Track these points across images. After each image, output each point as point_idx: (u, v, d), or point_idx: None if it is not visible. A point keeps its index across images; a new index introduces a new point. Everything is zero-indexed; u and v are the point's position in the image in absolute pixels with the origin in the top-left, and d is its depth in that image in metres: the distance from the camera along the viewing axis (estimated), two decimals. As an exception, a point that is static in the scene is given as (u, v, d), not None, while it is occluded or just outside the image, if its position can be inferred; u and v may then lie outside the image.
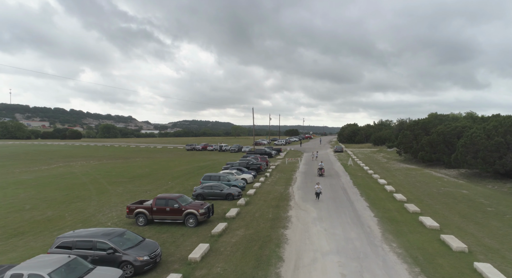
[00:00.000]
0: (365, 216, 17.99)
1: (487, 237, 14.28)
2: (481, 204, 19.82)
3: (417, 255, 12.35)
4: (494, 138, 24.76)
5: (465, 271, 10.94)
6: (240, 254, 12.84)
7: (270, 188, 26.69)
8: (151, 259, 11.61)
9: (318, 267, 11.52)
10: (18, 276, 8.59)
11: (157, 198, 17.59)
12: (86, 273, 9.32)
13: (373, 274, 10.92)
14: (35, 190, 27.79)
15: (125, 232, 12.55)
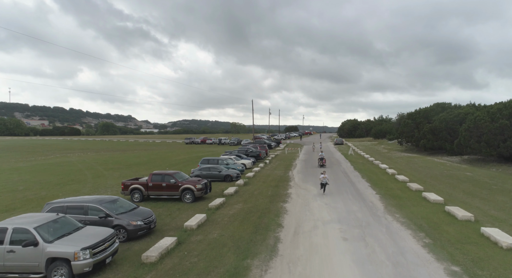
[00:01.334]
0: (367, 193, 17.51)
1: (493, 210, 13.80)
2: (486, 183, 19.34)
3: (422, 223, 11.87)
4: (498, 121, 24.28)
5: (472, 235, 10.46)
6: (238, 223, 12.36)
7: (270, 172, 26.21)
8: (145, 224, 11.13)
9: (318, 233, 11.04)
10: (2, 230, 8.11)
11: (153, 174, 17.10)
12: (75, 230, 8.83)
13: (376, 238, 10.44)
14: (30, 175, 27.29)
15: (118, 199, 12.06)
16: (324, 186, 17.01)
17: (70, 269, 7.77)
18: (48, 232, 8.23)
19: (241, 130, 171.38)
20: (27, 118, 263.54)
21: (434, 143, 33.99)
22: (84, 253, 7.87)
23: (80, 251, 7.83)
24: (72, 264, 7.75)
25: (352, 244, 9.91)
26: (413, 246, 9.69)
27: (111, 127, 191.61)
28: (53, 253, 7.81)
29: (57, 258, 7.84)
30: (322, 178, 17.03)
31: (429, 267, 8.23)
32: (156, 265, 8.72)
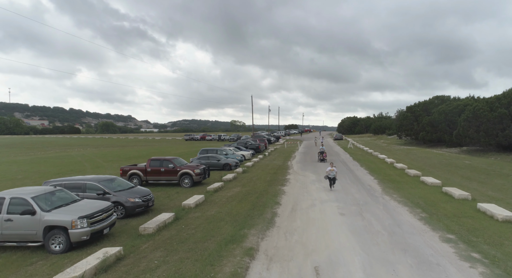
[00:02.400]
0: (366, 179, 17.53)
1: (490, 191, 13.85)
2: (484, 169, 19.37)
3: (419, 202, 11.91)
4: (497, 110, 24.31)
5: (469, 210, 10.50)
6: (236, 202, 12.39)
7: (269, 162, 26.24)
8: (142, 201, 11.18)
9: (316, 210, 11.08)
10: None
11: (151, 159, 17.15)
12: (73, 202, 8.87)
13: (373, 213, 10.48)
14: (28, 166, 27.35)
15: (116, 178, 12.12)
16: (332, 181, 14.17)
17: (68, 237, 7.81)
18: (45, 202, 8.27)
19: (241, 128, 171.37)
20: (27, 118, 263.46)
21: (433, 135, 34.02)
22: (81, 222, 7.91)
23: (78, 219, 7.87)
24: (70, 232, 7.79)
25: (349, 218, 9.95)
26: (409, 219, 9.73)
27: (111, 127, 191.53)
28: (51, 221, 7.85)
29: (54, 227, 7.88)
30: (329, 171, 14.08)
31: (424, 235, 8.26)
32: (153, 236, 8.76)
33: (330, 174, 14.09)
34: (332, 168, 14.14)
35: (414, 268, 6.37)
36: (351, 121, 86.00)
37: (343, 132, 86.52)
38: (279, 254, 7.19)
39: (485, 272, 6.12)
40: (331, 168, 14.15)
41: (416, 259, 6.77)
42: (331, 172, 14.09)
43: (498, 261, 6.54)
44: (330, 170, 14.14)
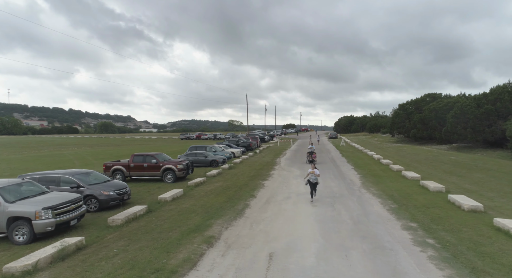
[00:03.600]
0: (349, 174, 17.60)
1: (467, 184, 13.92)
2: (467, 164, 19.46)
3: (394, 194, 11.98)
4: (484, 106, 24.38)
5: (439, 201, 10.57)
6: (213, 196, 12.46)
7: (258, 159, 26.31)
8: (117, 195, 11.23)
9: (290, 202, 11.15)
10: (-35, 190, 8.19)
11: (135, 155, 17.21)
12: (40, 194, 8.93)
13: (345, 205, 10.55)
14: (18, 164, 27.40)
15: (92, 172, 12.18)
16: (313, 188, 11.13)
17: (32, 228, 7.85)
18: (10, 193, 8.31)
19: (239, 128, 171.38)
20: (26, 118, 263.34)
21: (424, 132, 34.10)
22: (45, 213, 7.96)
23: (42, 210, 7.92)
24: (33, 223, 7.83)
25: (320, 209, 10.03)
26: (378, 210, 9.80)
27: (110, 127, 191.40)
28: (14, 212, 7.90)
29: (18, 218, 7.93)
30: (310, 174, 11.09)
31: (388, 224, 8.34)
32: (121, 227, 8.82)
33: (312, 177, 11.04)
34: (314, 170, 11.13)
35: (366, 252, 6.44)
36: (347, 120, 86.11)
37: (340, 131, 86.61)
38: (239, 242, 7.26)
39: (433, 255, 6.19)
40: (312, 170, 11.13)
41: (372, 245, 6.84)
42: (313, 175, 11.05)
43: (449, 245, 6.61)
44: (311, 173, 11.07)
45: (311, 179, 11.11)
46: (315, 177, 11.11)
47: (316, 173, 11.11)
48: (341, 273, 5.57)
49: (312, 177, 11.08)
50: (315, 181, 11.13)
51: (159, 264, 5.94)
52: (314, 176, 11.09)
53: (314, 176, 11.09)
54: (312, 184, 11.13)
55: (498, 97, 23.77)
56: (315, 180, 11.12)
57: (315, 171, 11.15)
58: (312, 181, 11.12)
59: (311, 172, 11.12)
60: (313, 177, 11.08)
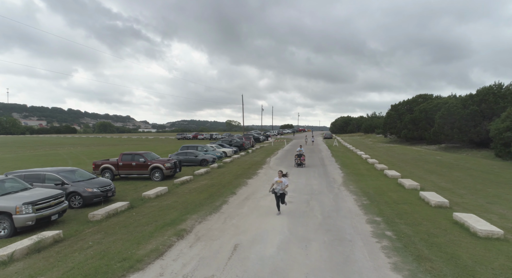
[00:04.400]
0: (334, 172, 17.99)
1: (444, 182, 14.33)
2: (450, 164, 19.88)
3: (370, 191, 12.38)
4: (469, 107, 24.82)
5: (411, 198, 10.97)
6: (196, 193, 12.83)
7: (249, 158, 26.68)
8: (101, 192, 11.60)
9: (268, 199, 11.50)
10: (-50, 186, 8.55)
11: (123, 154, 17.57)
12: (23, 190, 9.29)
13: (320, 201, 10.94)
14: (11, 163, 27.70)
15: (77, 170, 12.55)
16: (280, 199, 9.31)
17: (12, 222, 8.21)
18: (-5, 189, 8.69)
19: (237, 128, 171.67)
20: (25, 118, 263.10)
21: (414, 133, 34.55)
22: (26, 208, 8.32)
23: (22, 205, 8.28)
24: (14, 217, 8.20)
25: (295, 205, 10.41)
26: (350, 206, 10.19)
27: (108, 127, 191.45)
28: (-4, 207, 8.26)
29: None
30: (275, 184, 9.25)
31: (354, 218, 8.73)
32: (100, 222, 9.19)
33: (277, 188, 9.17)
34: (280, 179, 9.25)
35: (326, 244, 6.82)
36: (343, 121, 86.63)
37: (336, 131, 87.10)
38: (209, 235, 7.63)
39: (386, 245, 6.59)
40: (278, 179, 9.24)
41: (333, 237, 7.23)
42: (278, 185, 9.16)
43: (404, 237, 7.01)
44: (277, 183, 9.20)
45: (276, 190, 9.19)
46: (280, 187, 9.14)
47: (284, 184, 9.16)
48: (296, 262, 5.95)
49: (277, 188, 9.16)
50: (280, 193, 9.15)
51: (127, 254, 6.31)
52: (279, 187, 9.15)
53: (280, 186, 9.15)
54: (277, 196, 9.25)
55: (483, 98, 24.20)
56: (281, 191, 9.14)
57: (282, 180, 9.18)
58: (277, 192, 9.17)
59: (277, 182, 9.21)
60: (278, 187, 9.16)
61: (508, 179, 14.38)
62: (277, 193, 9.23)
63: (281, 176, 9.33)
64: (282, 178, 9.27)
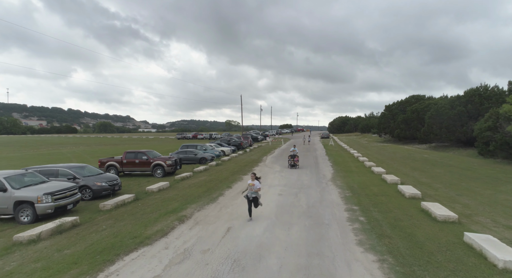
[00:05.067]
0: (325, 169, 19.15)
1: (424, 177, 15.50)
2: (435, 161, 21.06)
3: (354, 186, 13.54)
4: (456, 108, 25.99)
5: (389, 191, 12.14)
6: (195, 187, 13.99)
7: (246, 157, 27.83)
8: (109, 185, 12.75)
9: (261, 192, 12.65)
10: (-22, 179, 9.69)
11: (127, 152, 18.72)
12: (41, 183, 10.44)
13: (307, 194, 12.09)
14: (18, 161, 28.83)
15: (87, 166, 13.69)
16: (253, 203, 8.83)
17: (34, 210, 9.36)
18: (16, 181, 9.83)
19: (236, 128, 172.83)
20: (25, 118, 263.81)
21: (406, 132, 35.73)
22: (46, 198, 9.47)
23: (43, 195, 9.43)
24: (36, 206, 9.34)
25: (284, 197, 11.56)
26: (333, 198, 11.35)
27: (109, 127, 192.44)
28: (20, 197, 9.40)
29: (23, 202, 9.44)
30: (249, 187, 8.81)
31: (335, 207, 9.89)
32: (110, 211, 10.34)
33: (249, 191, 8.74)
34: (253, 181, 8.81)
35: (306, 227, 7.99)
36: (341, 121, 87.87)
37: (334, 131, 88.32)
38: (206, 220, 8.80)
39: (357, 227, 7.76)
40: (251, 182, 8.79)
41: (313, 222, 8.39)
42: (251, 188, 8.71)
43: (374, 221, 8.18)
44: (250, 186, 8.75)
45: (248, 194, 8.73)
46: (253, 192, 8.67)
47: (256, 187, 8.69)
48: (278, 239, 7.12)
49: (249, 192, 8.71)
50: (253, 196, 8.67)
51: (137, 234, 7.48)
52: (251, 191, 8.70)
53: (252, 190, 8.67)
54: (249, 200, 8.76)
55: (469, 100, 25.38)
56: (254, 194, 8.68)
57: (254, 183, 8.77)
58: (249, 196, 8.69)
59: (250, 185, 8.76)
60: (251, 191, 8.69)
61: (482, 175, 15.57)
62: (249, 197, 8.73)
63: (254, 179, 8.89)
64: (254, 181, 8.84)
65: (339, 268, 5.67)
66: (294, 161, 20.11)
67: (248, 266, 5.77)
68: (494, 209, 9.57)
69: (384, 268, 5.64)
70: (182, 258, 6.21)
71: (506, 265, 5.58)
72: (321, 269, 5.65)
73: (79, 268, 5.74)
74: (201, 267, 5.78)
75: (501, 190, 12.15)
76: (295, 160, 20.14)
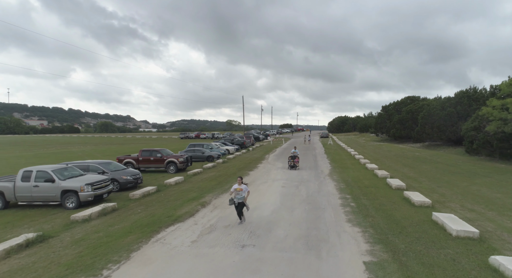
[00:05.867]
0: (323, 166, 20.91)
1: (412, 173, 17.27)
2: (424, 158, 22.83)
3: (348, 179, 15.31)
4: (447, 109, 27.75)
5: (379, 184, 13.90)
6: (207, 181, 15.76)
7: (249, 155, 29.61)
8: (133, 179, 14.52)
9: (266, 185, 14.45)
10: (28, 171, 11.47)
11: (143, 150, 20.50)
12: (80, 175, 12.21)
13: (307, 186, 13.86)
14: (34, 159, 30.61)
15: (112, 162, 15.47)
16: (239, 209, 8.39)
17: (78, 198, 11.13)
18: (61, 174, 11.60)
19: (237, 128, 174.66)
20: (26, 118, 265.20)
21: (402, 132, 37.49)
22: (87, 187, 11.24)
23: (85, 185, 11.20)
24: (80, 194, 11.11)
25: (286, 189, 13.33)
26: (330, 189, 13.12)
27: (110, 127, 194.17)
28: (66, 186, 11.18)
29: (68, 190, 11.20)
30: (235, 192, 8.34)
31: (331, 196, 11.66)
32: (139, 199, 12.11)
33: (237, 196, 8.27)
34: (240, 186, 8.35)
35: (306, 210, 9.75)
36: (340, 120, 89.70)
37: (333, 130, 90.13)
38: (222, 205, 10.57)
39: (348, 210, 9.54)
40: (238, 187, 8.33)
41: (312, 207, 10.16)
42: (238, 194, 8.27)
43: (362, 206, 9.95)
44: (237, 191, 8.28)
45: (235, 199, 8.21)
46: (240, 197, 8.21)
47: (245, 192, 8.23)
48: (283, 218, 8.88)
49: (239, 196, 8.22)
50: (240, 201, 8.20)
51: (170, 214, 9.26)
52: (239, 196, 8.23)
53: (242, 194, 8.23)
54: (235, 206, 8.24)
55: (459, 101, 27.13)
56: (241, 200, 8.21)
57: (242, 187, 8.25)
58: (236, 201, 8.20)
59: (237, 190, 8.22)
60: (238, 196, 8.23)
61: (463, 170, 17.34)
62: (235, 203, 8.20)
63: (241, 183, 8.33)
64: (242, 186, 8.29)
65: (331, 236, 7.45)
66: (294, 162, 19.66)
67: (262, 235, 7.55)
68: (465, 197, 11.34)
69: (365, 236, 7.41)
70: (209, 230, 7.98)
71: (458, 233, 7.35)
72: (318, 237, 7.42)
73: (134, 235, 7.52)
74: (226, 236, 7.55)
75: (476, 183, 13.93)
76: (295, 161, 19.69)
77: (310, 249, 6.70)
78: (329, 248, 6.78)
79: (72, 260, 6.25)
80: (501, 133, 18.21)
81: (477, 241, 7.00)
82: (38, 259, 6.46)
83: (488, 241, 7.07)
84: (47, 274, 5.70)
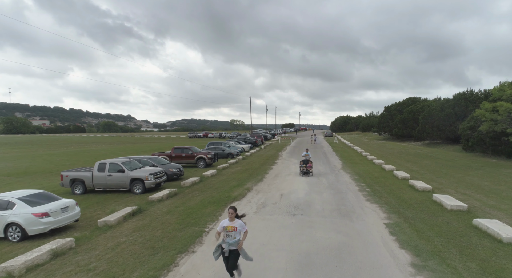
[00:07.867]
0: (334, 162, 23.44)
1: (415, 167, 19.80)
2: (425, 155, 25.36)
3: (360, 172, 17.83)
4: (445, 110, 30.26)
5: (387, 175, 16.43)
6: (238, 174, 18.28)
7: (264, 153, 32.14)
8: (177, 171, 17.04)
9: (290, 176, 16.97)
10: (103, 163, 14.01)
11: (175, 148, 23.05)
12: (140, 167, 14.73)
13: (326, 177, 16.39)
14: (68, 157, 33.13)
15: (157, 157, 18.00)
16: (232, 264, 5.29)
17: (143, 185, 13.65)
18: (127, 166, 14.14)
19: (240, 127, 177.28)
20: (28, 118, 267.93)
21: (403, 131, 40.01)
22: (150, 177, 13.77)
23: (149, 175, 13.73)
24: (145, 182, 13.64)
25: (310, 179, 15.86)
26: (346, 179, 15.66)
27: (112, 126, 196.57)
28: (134, 176, 13.71)
29: (135, 179, 13.73)
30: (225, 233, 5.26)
31: (348, 185, 14.20)
32: (190, 187, 14.65)
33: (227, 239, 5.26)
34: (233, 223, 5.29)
35: (331, 193, 12.29)
36: (343, 120, 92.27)
37: (336, 130, 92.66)
38: (263, 190, 13.10)
39: (365, 193, 12.08)
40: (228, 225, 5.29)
41: (335, 191, 12.69)
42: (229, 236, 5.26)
43: (376, 191, 12.49)
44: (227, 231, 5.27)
45: (223, 245, 5.31)
46: (233, 240, 5.26)
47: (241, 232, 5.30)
48: (315, 199, 11.41)
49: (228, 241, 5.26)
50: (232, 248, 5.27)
51: (226, 196, 11.80)
52: (230, 240, 5.26)
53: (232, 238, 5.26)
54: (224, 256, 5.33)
55: (456, 102, 29.61)
56: (234, 246, 5.25)
57: (235, 225, 5.30)
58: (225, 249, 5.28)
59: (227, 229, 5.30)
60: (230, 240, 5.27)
61: (459, 164, 19.87)
62: (224, 253, 5.32)
63: (234, 219, 5.35)
64: (235, 222, 5.34)
65: (356, 209, 9.98)
66: (307, 167, 17.10)
67: (305, 208, 10.09)
68: (459, 185, 13.86)
69: (382, 209, 9.94)
70: (263, 206, 10.52)
71: (451, 207, 9.88)
72: (346, 209, 9.95)
73: (210, 208, 10.07)
74: (277, 209, 10.09)
75: (469, 174, 16.46)
76: (308, 167, 17.10)
77: (343, 216, 9.24)
78: (357, 216, 9.32)
79: (178, 221, 8.79)
80: (492, 132, 20.71)
81: (466, 212, 9.53)
82: (149, 221, 8.99)
83: (473, 212, 9.60)
84: (169, 227, 8.24)
